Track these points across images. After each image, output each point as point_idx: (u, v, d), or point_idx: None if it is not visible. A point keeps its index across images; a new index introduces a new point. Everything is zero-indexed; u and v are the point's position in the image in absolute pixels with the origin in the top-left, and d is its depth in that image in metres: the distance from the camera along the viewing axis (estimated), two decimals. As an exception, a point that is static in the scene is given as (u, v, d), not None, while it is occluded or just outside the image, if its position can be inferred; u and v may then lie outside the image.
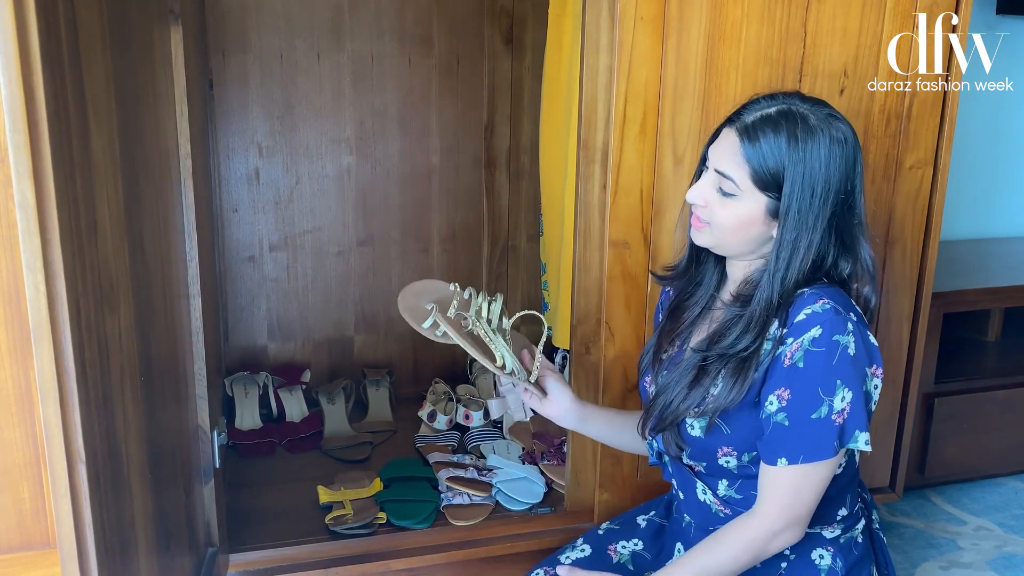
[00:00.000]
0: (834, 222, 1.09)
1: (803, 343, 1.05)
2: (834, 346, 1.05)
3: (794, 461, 1.06)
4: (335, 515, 1.66)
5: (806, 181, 1.06)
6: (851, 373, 1.05)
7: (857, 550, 1.20)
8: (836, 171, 1.07)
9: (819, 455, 1.05)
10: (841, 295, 1.10)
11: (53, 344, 0.82)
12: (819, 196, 1.07)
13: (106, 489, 0.92)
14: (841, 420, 1.05)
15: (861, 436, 1.06)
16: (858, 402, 1.05)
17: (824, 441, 1.05)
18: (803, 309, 1.07)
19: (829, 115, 1.10)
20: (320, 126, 2.22)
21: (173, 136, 1.32)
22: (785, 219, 1.08)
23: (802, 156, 1.06)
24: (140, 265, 1.09)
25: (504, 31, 2.30)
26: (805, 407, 1.05)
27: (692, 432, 1.15)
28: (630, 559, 1.30)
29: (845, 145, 1.08)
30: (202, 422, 1.42)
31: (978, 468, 2.24)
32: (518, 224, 2.44)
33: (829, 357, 1.04)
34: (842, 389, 1.05)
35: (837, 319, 1.05)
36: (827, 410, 1.05)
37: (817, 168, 1.06)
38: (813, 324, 1.05)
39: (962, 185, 2.62)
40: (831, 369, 1.04)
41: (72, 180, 0.84)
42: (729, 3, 1.47)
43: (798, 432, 1.06)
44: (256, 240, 2.24)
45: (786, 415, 1.06)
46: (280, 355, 2.32)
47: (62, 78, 0.82)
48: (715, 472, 1.18)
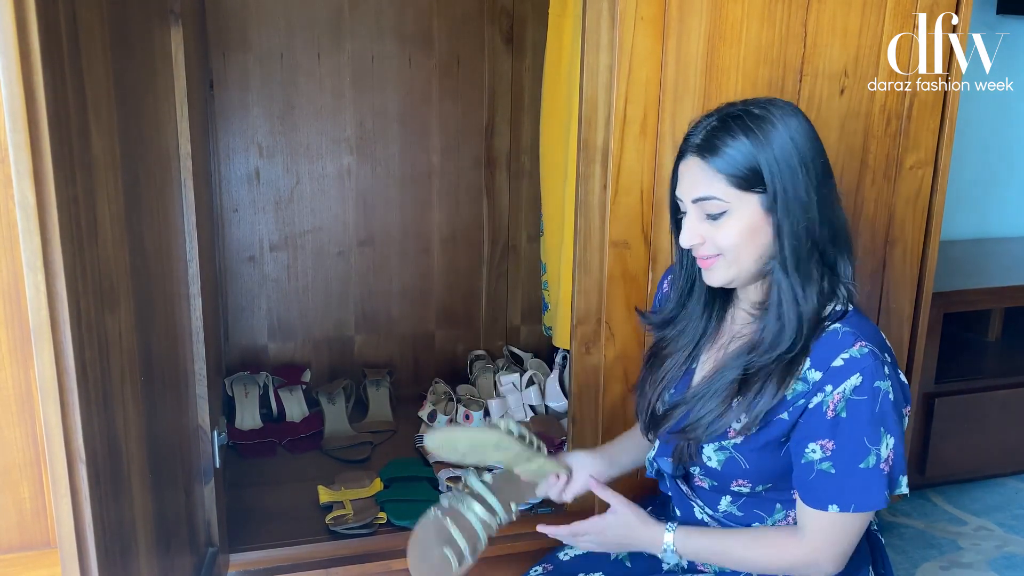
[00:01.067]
0: (823, 197, 1.06)
1: (844, 392, 1.03)
2: (876, 393, 1.02)
3: (846, 509, 1.05)
4: (335, 515, 1.66)
5: (780, 160, 1.04)
6: (893, 419, 1.04)
7: (856, 553, 1.20)
8: (803, 141, 1.06)
9: (870, 504, 1.04)
10: (871, 328, 1.09)
11: (53, 344, 0.82)
12: (799, 170, 1.05)
13: (106, 489, 0.92)
14: (888, 467, 1.04)
15: (904, 480, 1.06)
16: (899, 447, 1.05)
17: (875, 491, 1.04)
18: (840, 353, 1.04)
19: (767, 101, 1.09)
20: (320, 126, 2.22)
21: (173, 136, 1.32)
22: (778, 204, 1.05)
23: (766, 140, 1.05)
24: (140, 265, 1.09)
25: (504, 31, 2.30)
26: (852, 457, 1.04)
27: (709, 463, 1.13)
28: (627, 556, 1.30)
29: (797, 116, 1.07)
30: (202, 422, 1.42)
31: (979, 468, 2.24)
32: (518, 224, 2.44)
33: (872, 405, 1.02)
34: (886, 437, 1.04)
35: (876, 364, 1.03)
36: (875, 460, 1.03)
37: (785, 145, 1.05)
38: (853, 371, 1.03)
39: (962, 185, 2.62)
40: (874, 417, 1.03)
41: (72, 180, 0.84)
42: (729, 3, 1.47)
43: (846, 481, 1.04)
44: (256, 240, 2.24)
45: (831, 464, 1.05)
46: (280, 355, 2.32)
47: (62, 78, 0.82)
48: (721, 492, 1.17)
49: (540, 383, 2.20)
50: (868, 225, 1.67)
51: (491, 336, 2.49)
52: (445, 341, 2.45)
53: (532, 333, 2.53)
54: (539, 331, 2.50)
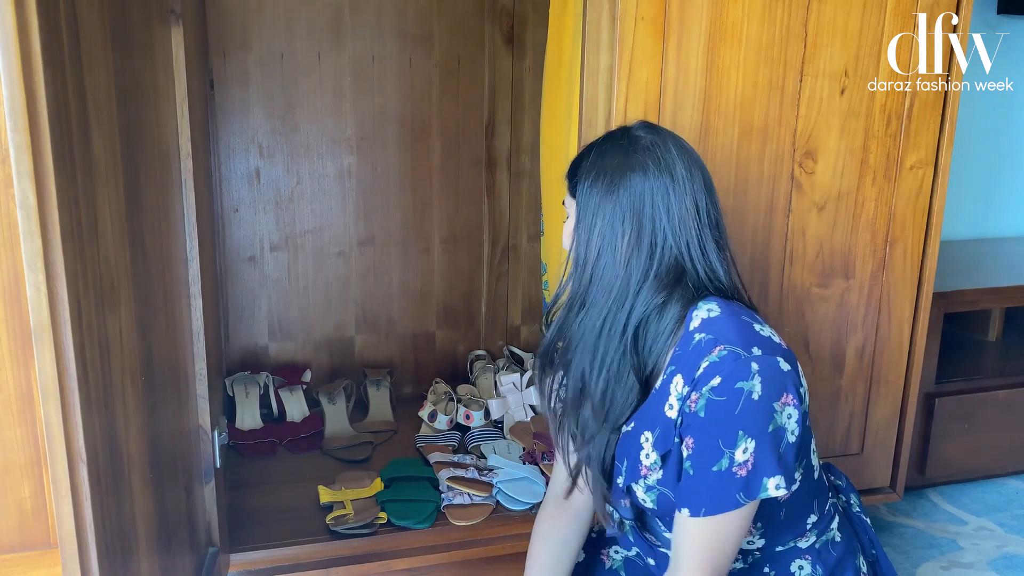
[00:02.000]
0: (634, 216, 1.06)
1: (703, 393, 1.00)
2: (736, 394, 0.98)
3: (696, 513, 1.00)
4: (336, 515, 1.66)
5: (591, 175, 1.08)
6: (755, 419, 0.98)
7: (836, 550, 1.17)
8: (627, 168, 1.06)
9: (720, 508, 0.99)
10: (738, 323, 1.04)
11: (54, 344, 0.82)
12: (599, 190, 1.06)
13: (107, 489, 0.92)
14: (744, 472, 0.98)
15: (770, 483, 0.99)
16: (763, 449, 0.98)
17: (726, 495, 0.99)
18: (701, 362, 1.01)
19: (642, 125, 1.12)
20: (321, 126, 2.22)
21: (174, 136, 1.32)
22: (577, 213, 1.10)
23: (594, 155, 1.09)
24: (141, 265, 1.09)
25: (505, 31, 2.30)
26: (706, 458, 1.00)
27: (646, 504, 1.10)
28: (623, 565, 1.27)
29: (643, 147, 1.07)
30: (203, 422, 1.42)
31: (979, 468, 2.24)
32: (519, 224, 2.44)
33: (731, 406, 0.98)
34: (744, 440, 0.98)
35: (738, 364, 0.99)
36: (728, 463, 0.98)
37: (603, 162, 1.07)
38: (713, 374, 0.99)
39: (962, 185, 2.62)
40: (732, 419, 0.98)
41: (73, 180, 0.84)
42: (730, 3, 1.47)
43: (700, 483, 1.00)
44: (257, 240, 2.24)
45: (691, 463, 1.01)
46: (281, 355, 2.32)
47: (63, 78, 0.82)
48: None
49: (540, 383, 2.20)
50: (868, 225, 1.67)
51: (491, 336, 2.49)
52: (445, 341, 2.45)
53: (532, 333, 2.53)
54: (539, 331, 2.50)
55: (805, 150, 1.59)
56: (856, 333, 1.72)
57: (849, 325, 1.71)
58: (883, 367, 1.76)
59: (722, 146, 1.54)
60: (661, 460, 1.06)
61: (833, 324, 1.70)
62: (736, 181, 1.56)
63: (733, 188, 1.56)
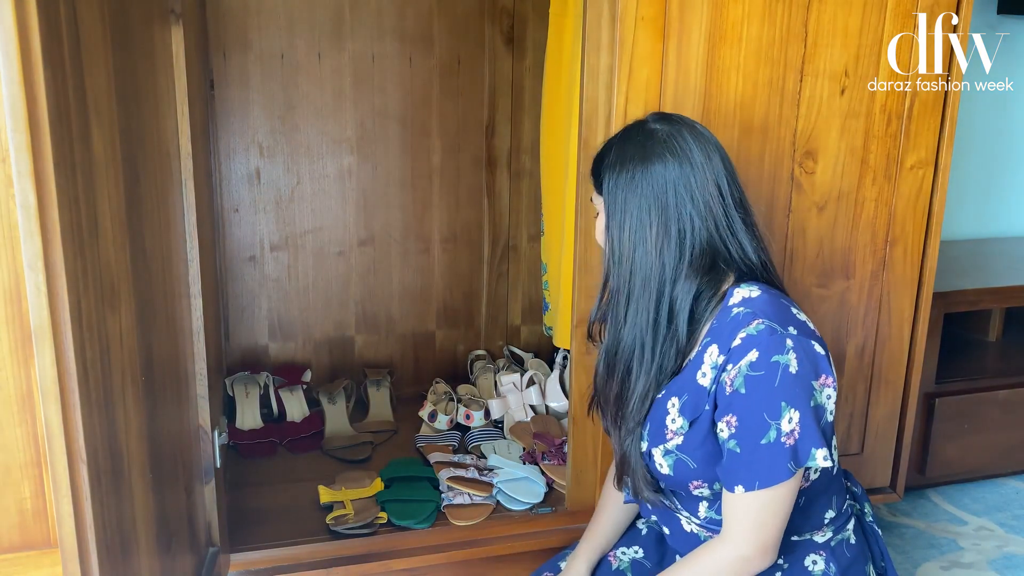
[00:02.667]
0: (659, 205, 1.10)
1: (741, 368, 1.03)
2: (774, 367, 1.02)
3: (751, 488, 1.03)
4: (336, 515, 1.66)
5: (614, 171, 1.13)
6: (796, 392, 1.02)
7: (850, 552, 1.19)
8: (647, 159, 1.10)
9: (774, 479, 1.03)
10: (777, 306, 1.08)
11: (54, 344, 0.82)
12: (623, 185, 1.11)
13: (107, 489, 0.92)
14: (792, 441, 1.02)
15: (818, 453, 1.03)
16: (807, 420, 1.03)
17: (777, 465, 1.02)
18: (738, 332, 1.05)
19: (658, 116, 1.16)
20: (321, 126, 2.22)
21: (174, 136, 1.32)
22: (606, 210, 1.14)
23: (615, 152, 1.14)
24: (141, 265, 1.09)
25: (505, 31, 2.30)
26: (753, 433, 1.03)
27: (662, 471, 1.14)
28: (630, 566, 1.28)
29: (660, 137, 1.12)
30: (203, 422, 1.42)
31: (979, 468, 2.24)
32: (519, 224, 2.44)
33: (770, 379, 1.02)
34: (788, 410, 1.02)
35: (773, 339, 1.03)
36: (776, 434, 1.02)
37: (624, 157, 1.12)
38: (750, 348, 1.03)
39: (963, 185, 2.62)
40: (774, 392, 1.02)
41: (73, 180, 0.84)
42: (730, 3, 1.47)
43: (750, 459, 1.03)
44: (257, 240, 2.24)
45: (736, 442, 1.04)
46: (281, 355, 2.32)
47: (63, 78, 0.82)
48: (692, 499, 1.16)
49: (541, 383, 2.20)
50: (869, 225, 1.67)
51: (491, 336, 2.49)
52: (445, 341, 2.45)
53: (533, 333, 2.53)
54: (539, 331, 2.50)
55: (805, 150, 1.59)
56: (856, 333, 1.72)
57: (849, 325, 1.71)
58: (883, 367, 1.76)
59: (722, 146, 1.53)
60: (688, 425, 1.10)
61: (833, 324, 1.70)
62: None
63: (733, 188, 1.56)
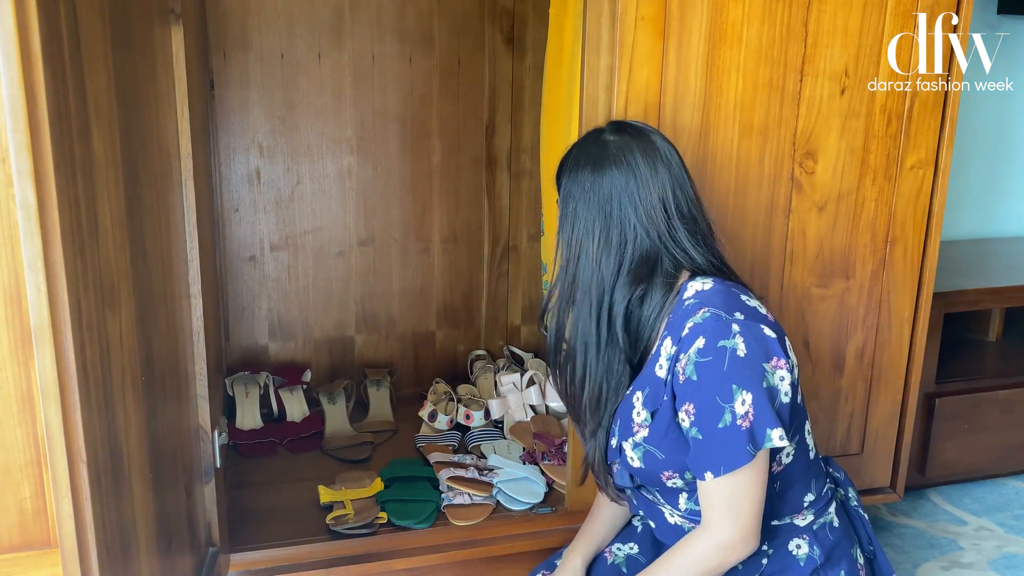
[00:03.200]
0: (602, 216, 1.14)
1: (690, 356, 1.06)
2: (720, 352, 1.04)
3: (717, 473, 1.05)
4: (336, 515, 1.66)
5: (566, 179, 1.19)
6: (745, 374, 1.04)
7: (833, 534, 1.19)
8: (593, 170, 1.15)
9: (735, 463, 1.04)
10: (725, 295, 1.11)
11: (54, 344, 0.82)
12: (570, 194, 1.17)
13: (107, 489, 0.92)
14: (747, 424, 1.04)
15: (773, 433, 1.04)
16: (760, 400, 1.04)
17: (737, 448, 1.04)
18: (686, 322, 1.09)
19: (614, 126, 1.21)
20: (321, 126, 2.22)
21: (174, 136, 1.32)
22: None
23: (570, 159, 1.20)
24: (141, 265, 1.09)
25: (505, 31, 2.30)
26: (710, 418, 1.05)
27: (633, 464, 1.16)
28: (625, 562, 1.29)
29: (610, 148, 1.16)
30: (203, 422, 1.42)
31: (979, 468, 2.24)
32: (519, 224, 2.44)
33: (719, 364, 1.04)
34: (740, 392, 1.04)
35: (718, 325, 1.06)
36: (731, 417, 1.04)
37: (574, 166, 1.18)
38: (697, 335, 1.06)
39: (963, 185, 2.62)
40: (723, 375, 1.04)
41: (73, 180, 0.84)
42: (730, 3, 1.47)
43: (711, 444, 1.05)
44: (257, 240, 2.24)
45: (697, 429, 1.06)
46: (281, 355, 2.32)
47: (63, 78, 0.82)
48: (669, 491, 1.18)
49: (540, 383, 2.20)
50: (869, 225, 1.67)
51: (491, 336, 2.49)
52: (445, 341, 2.45)
53: (533, 333, 2.53)
54: (540, 330, 2.50)
55: (805, 150, 1.59)
56: (856, 333, 1.72)
57: (849, 325, 1.71)
58: (883, 367, 1.76)
59: (722, 146, 1.54)
60: (651, 416, 1.13)
61: (833, 324, 1.70)
62: (736, 181, 1.56)
63: (733, 188, 1.56)
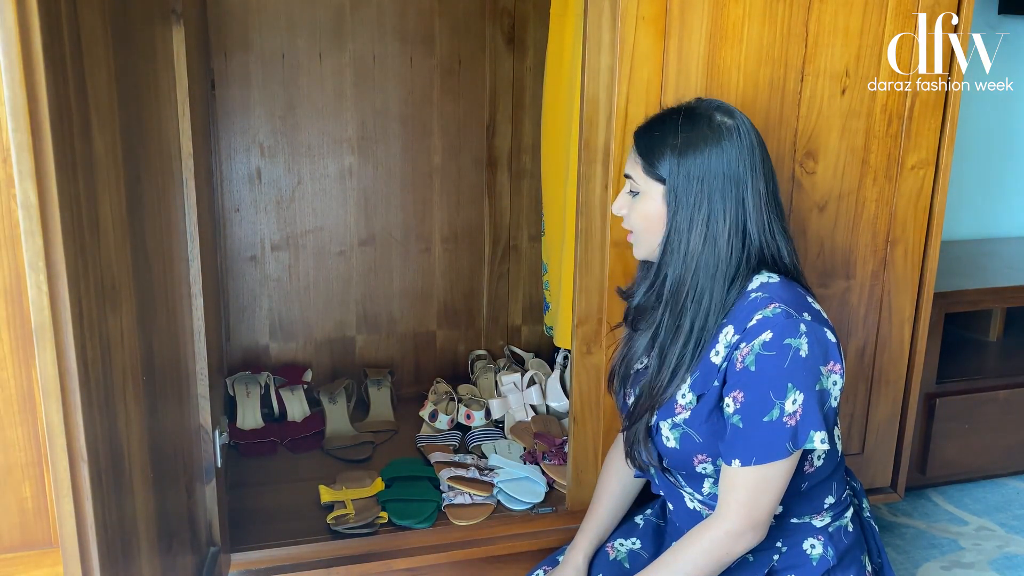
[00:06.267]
0: (731, 202, 1.11)
1: (754, 347, 1.07)
2: (785, 349, 1.06)
3: (747, 463, 1.07)
4: (336, 515, 1.67)
5: (683, 161, 1.11)
6: (803, 375, 1.06)
7: (847, 538, 1.21)
8: (715, 154, 1.11)
9: (771, 457, 1.06)
10: (793, 293, 1.11)
11: (55, 344, 0.82)
12: (696, 178, 1.11)
13: (108, 488, 0.92)
14: (793, 422, 1.06)
15: (816, 436, 1.06)
16: (811, 402, 1.06)
17: (776, 443, 1.06)
18: (755, 314, 1.09)
19: (717, 107, 1.15)
20: (322, 126, 2.22)
21: (175, 136, 1.32)
22: (674, 200, 1.13)
23: (681, 139, 1.12)
24: (142, 264, 1.09)
25: (506, 31, 2.30)
26: (757, 410, 1.06)
27: (668, 444, 1.16)
28: (627, 557, 1.30)
29: (727, 132, 1.12)
30: (204, 422, 1.42)
31: (980, 468, 2.24)
32: (520, 224, 2.44)
33: (780, 360, 1.05)
34: (793, 392, 1.05)
35: (788, 323, 1.07)
36: (778, 413, 1.05)
37: (695, 150, 1.11)
38: (765, 328, 1.07)
39: (963, 185, 2.62)
40: (782, 372, 1.05)
41: (74, 180, 0.84)
42: (731, 2, 1.47)
43: (751, 434, 1.07)
44: (258, 240, 2.24)
45: (740, 417, 1.08)
46: (282, 355, 2.32)
47: (64, 78, 0.82)
48: (696, 476, 1.18)
49: (541, 383, 2.20)
50: (869, 225, 1.67)
51: (492, 336, 2.49)
52: (446, 341, 2.45)
53: (533, 333, 2.53)
54: (540, 331, 2.50)
55: (806, 150, 1.59)
56: (857, 333, 1.72)
57: (850, 325, 1.71)
58: (884, 367, 1.76)
59: (723, 146, 1.53)
60: (696, 399, 1.13)
61: (834, 324, 1.70)
62: (737, 181, 1.56)
63: (734, 188, 1.56)
